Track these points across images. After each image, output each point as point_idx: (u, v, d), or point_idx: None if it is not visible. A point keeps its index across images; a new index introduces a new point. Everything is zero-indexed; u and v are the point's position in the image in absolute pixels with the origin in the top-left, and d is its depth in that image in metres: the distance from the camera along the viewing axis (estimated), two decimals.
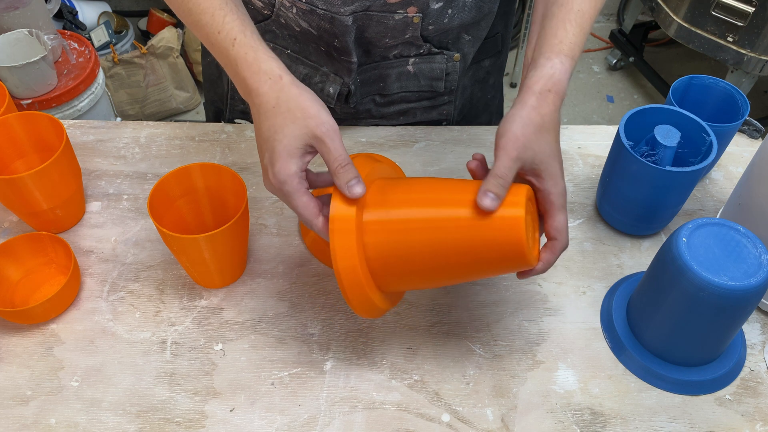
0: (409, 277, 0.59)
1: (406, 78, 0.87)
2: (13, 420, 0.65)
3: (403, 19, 0.78)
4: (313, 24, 0.79)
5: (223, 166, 0.71)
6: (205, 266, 0.70)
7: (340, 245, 0.56)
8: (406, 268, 0.58)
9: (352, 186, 0.56)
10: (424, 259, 0.57)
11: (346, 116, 0.92)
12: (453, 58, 0.86)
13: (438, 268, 0.58)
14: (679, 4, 2.04)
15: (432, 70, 0.87)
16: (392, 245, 0.57)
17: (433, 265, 0.58)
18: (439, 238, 0.57)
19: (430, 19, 0.79)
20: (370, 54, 0.84)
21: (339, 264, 0.56)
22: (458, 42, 0.85)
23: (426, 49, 0.84)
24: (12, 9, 1.56)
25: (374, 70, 0.86)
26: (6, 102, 0.79)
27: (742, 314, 0.63)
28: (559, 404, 0.67)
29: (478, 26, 0.84)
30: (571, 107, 2.45)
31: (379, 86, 0.89)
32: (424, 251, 0.57)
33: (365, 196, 0.58)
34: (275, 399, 0.66)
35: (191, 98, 2.29)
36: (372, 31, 0.79)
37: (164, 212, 0.71)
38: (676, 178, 0.72)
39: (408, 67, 0.86)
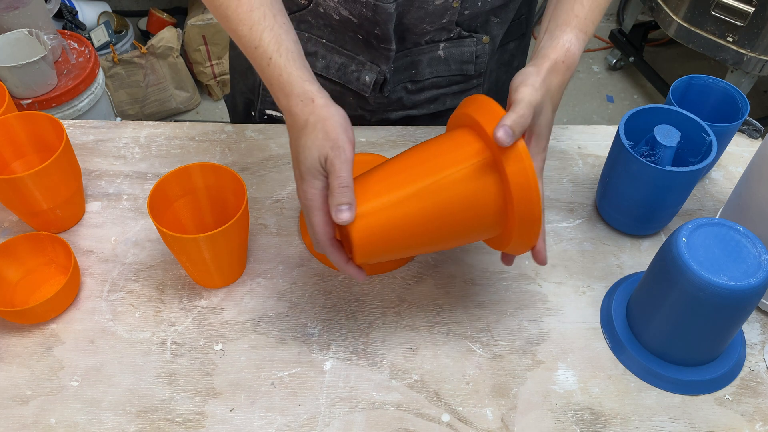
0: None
1: (436, 63, 0.88)
2: (13, 420, 0.65)
3: (443, 4, 0.78)
4: (354, 12, 0.79)
5: (223, 166, 0.71)
6: (205, 266, 0.70)
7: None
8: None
9: (342, 210, 0.57)
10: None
11: (379, 107, 0.92)
12: (482, 40, 0.87)
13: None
14: (679, 4, 2.04)
15: (462, 53, 0.87)
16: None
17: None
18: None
19: (467, 3, 0.80)
20: (404, 41, 0.85)
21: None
22: (487, 25, 0.86)
23: (456, 33, 0.85)
24: (12, 9, 1.56)
25: (406, 57, 0.87)
26: (6, 102, 0.79)
27: (742, 314, 0.63)
28: (559, 404, 0.67)
29: (506, 8, 0.86)
30: (571, 107, 2.45)
31: (411, 73, 0.89)
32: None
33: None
34: (275, 399, 0.66)
35: (191, 98, 2.29)
36: (411, 16, 0.80)
37: (164, 212, 0.71)
38: (675, 178, 0.72)
39: (438, 52, 0.86)
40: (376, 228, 0.58)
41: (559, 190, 0.86)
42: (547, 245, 0.80)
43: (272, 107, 0.96)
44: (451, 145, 0.60)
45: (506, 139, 0.55)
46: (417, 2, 0.78)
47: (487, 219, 0.60)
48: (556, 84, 0.61)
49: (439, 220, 0.59)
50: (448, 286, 0.76)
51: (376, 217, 0.58)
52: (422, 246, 0.61)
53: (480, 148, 0.59)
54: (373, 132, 0.92)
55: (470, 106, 0.61)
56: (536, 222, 0.58)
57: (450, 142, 0.61)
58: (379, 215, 0.58)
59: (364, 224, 0.58)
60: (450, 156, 0.59)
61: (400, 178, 0.59)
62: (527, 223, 0.58)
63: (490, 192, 0.58)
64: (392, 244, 0.59)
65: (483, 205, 0.59)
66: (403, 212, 0.58)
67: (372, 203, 0.58)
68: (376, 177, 0.60)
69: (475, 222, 0.60)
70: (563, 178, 0.87)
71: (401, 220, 0.58)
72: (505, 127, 0.55)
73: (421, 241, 0.60)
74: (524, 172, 0.56)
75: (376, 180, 0.60)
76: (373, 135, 0.91)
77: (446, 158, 0.59)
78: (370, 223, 0.58)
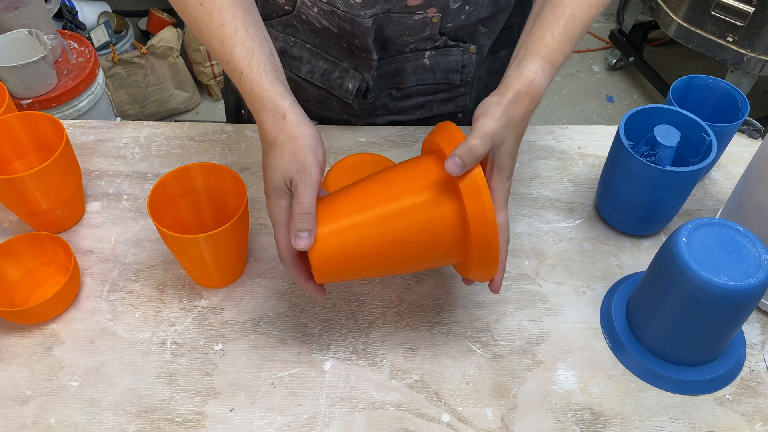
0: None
1: (422, 71, 0.87)
2: (13, 420, 0.65)
3: (423, 19, 0.78)
4: (333, 23, 0.79)
5: (223, 166, 0.71)
6: (204, 266, 0.70)
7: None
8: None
9: (300, 237, 0.57)
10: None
11: (364, 112, 0.92)
12: (469, 50, 0.86)
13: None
14: (679, 4, 2.04)
15: (448, 62, 0.87)
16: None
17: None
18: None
19: (449, 17, 0.79)
20: (387, 49, 0.84)
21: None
22: (474, 35, 0.86)
23: (442, 42, 0.84)
24: (12, 9, 1.56)
25: (391, 64, 0.87)
26: (6, 102, 0.79)
27: (742, 314, 0.63)
28: (559, 404, 0.67)
29: (494, 19, 0.85)
30: (571, 107, 2.45)
31: (396, 80, 0.89)
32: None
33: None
34: (275, 399, 0.66)
35: (191, 98, 2.29)
36: (391, 30, 0.79)
37: (164, 212, 0.71)
38: (675, 178, 0.72)
39: (424, 60, 0.86)
40: (334, 251, 0.58)
41: (559, 190, 0.86)
42: (547, 245, 0.80)
43: None
44: (415, 172, 0.60)
45: (455, 169, 0.55)
46: (395, 17, 0.77)
47: (446, 247, 0.60)
48: (518, 114, 0.60)
49: (397, 245, 0.59)
50: (448, 286, 0.76)
51: (335, 240, 0.58)
52: (381, 269, 0.61)
53: (443, 176, 0.58)
54: (373, 131, 0.92)
55: (438, 133, 0.60)
56: (494, 254, 0.58)
57: (414, 168, 0.61)
58: (338, 238, 0.58)
59: (323, 247, 0.58)
60: (412, 183, 0.59)
61: (363, 203, 0.59)
62: (485, 254, 0.58)
63: (449, 220, 0.58)
64: (350, 266, 0.59)
65: (442, 233, 0.59)
66: (362, 236, 0.58)
67: (332, 225, 0.58)
68: (341, 200, 0.60)
69: (433, 249, 0.60)
70: (563, 178, 0.87)
71: (359, 244, 0.58)
72: (455, 158, 0.55)
73: (379, 265, 0.60)
74: (480, 204, 0.56)
75: (339, 203, 0.60)
76: (373, 135, 0.91)
77: (408, 185, 0.59)
78: (329, 245, 0.58)
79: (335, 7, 0.76)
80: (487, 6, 0.80)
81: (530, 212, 0.83)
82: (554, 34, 0.63)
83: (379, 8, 0.75)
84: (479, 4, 0.79)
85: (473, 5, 0.79)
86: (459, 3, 0.77)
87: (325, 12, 0.78)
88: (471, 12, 0.80)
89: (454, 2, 0.77)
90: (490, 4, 0.80)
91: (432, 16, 0.78)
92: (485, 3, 0.80)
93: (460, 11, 0.79)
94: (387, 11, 0.76)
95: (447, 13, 0.78)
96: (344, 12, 0.76)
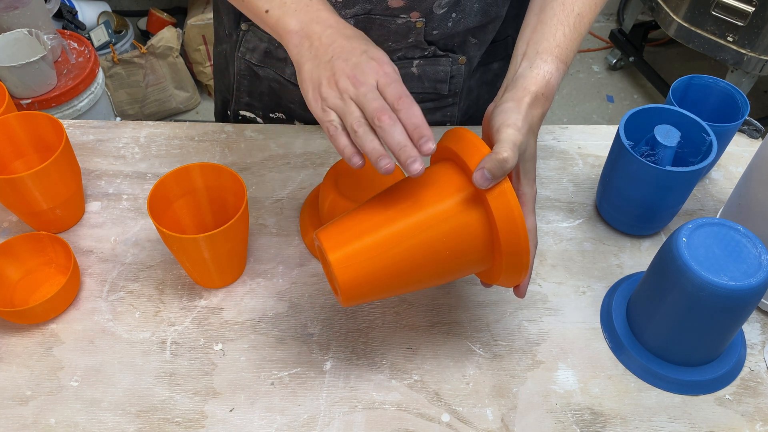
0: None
1: (409, 80, 0.87)
2: (13, 420, 0.65)
3: (406, 24, 0.78)
4: None
5: (223, 166, 0.71)
6: (204, 266, 0.70)
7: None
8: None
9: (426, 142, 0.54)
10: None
11: None
12: (458, 61, 0.86)
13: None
14: (679, 4, 2.04)
15: (436, 72, 0.86)
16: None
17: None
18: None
19: (434, 24, 0.79)
20: None
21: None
22: (464, 45, 0.85)
23: (431, 52, 0.84)
24: (12, 9, 1.56)
25: None
26: (6, 102, 0.79)
27: (742, 314, 0.63)
28: (559, 404, 0.67)
29: (484, 30, 0.84)
30: (571, 107, 2.45)
31: None
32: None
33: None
34: (275, 399, 0.66)
35: (191, 98, 2.29)
36: (374, 34, 0.79)
37: (164, 212, 0.71)
38: (676, 178, 0.72)
39: (412, 69, 0.86)
40: (362, 270, 0.56)
41: (559, 190, 0.86)
42: (547, 245, 0.80)
43: (246, 108, 0.96)
44: (436, 182, 0.58)
45: (484, 182, 0.54)
46: (378, 20, 0.77)
47: (474, 255, 0.58)
48: (537, 117, 0.59)
49: (426, 258, 0.57)
50: (448, 286, 0.76)
51: (362, 259, 0.56)
52: (410, 285, 0.59)
53: (463, 182, 0.57)
54: None
55: (455, 142, 0.59)
56: (524, 260, 0.57)
57: (434, 178, 0.59)
58: (365, 257, 0.56)
59: (349, 266, 0.55)
60: (435, 193, 0.57)
61: (385, 217, 0.57)
62: (515, 260, 0.57)
63: (477, 228, 0.57)
64: (379, 284, 0.57)
65: (470, 241, 0.57)
66: (390, 252, 0.56)
67: (356, 244, 0.56)
68: (361, 216, 0.58)
69: (462, 258, 0.58)
70: (563, 178, 0.87)
71: (388, 261, 0.56)
72: (483, 171, 0.54)
73: (408, 280, 0.58)
74: (509, 209, 0.55)
75: (360, 219, 0.57)
76: None
77: (431, 196, 0.57)
78: (356, 265, 0.56)
79: None
80: (476, 15, 0.80)
81: None
82: (565, 32, 0.62)
83: (359, 8, 0.75)
84: (467, 12, 0.78)
85: (460, 13, 0.78)
86: (444, 9, 0.77)
87: None
88: (458, 20, 0.79)
89: (438, 8, 0.76)
90: (479, 13, 0.80)
91: (416, 21, 0.77)
92: (474, 12, 0.79)
93: (447, 18, 0.78)
94: (368, 12, 0.76)
95: (432, 18, 0.78)
96: None
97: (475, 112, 0.98)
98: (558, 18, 0.63)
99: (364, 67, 0.55)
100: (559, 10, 0.64)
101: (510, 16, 0.86)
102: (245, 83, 0.93)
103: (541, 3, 0.66)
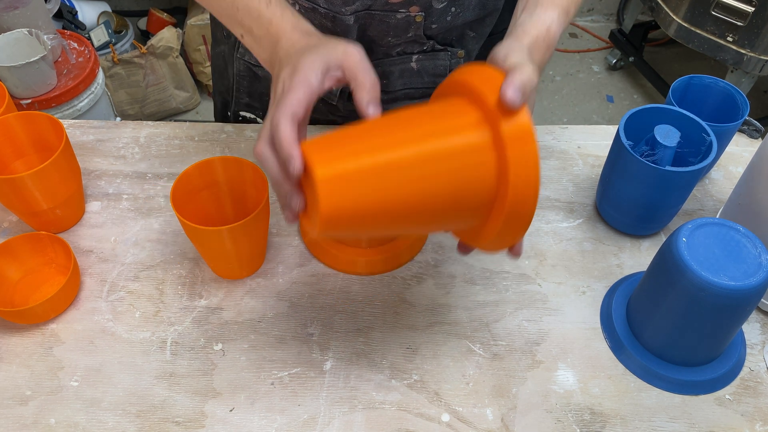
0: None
1: (409, 75, 0.87)
2: (13, 420, 0.65)
3: (406, 18, 0.78)
4: (315, 22, 0.79)
5: (245, 159, 0.71)
6: (226, 258, 0.71)
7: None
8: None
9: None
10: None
11: (349, 113, 0.92)
12: (457, 54, 0.86)
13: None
14: (679, 4, 2.04)
15: (435, 66, 0.86)
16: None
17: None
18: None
19: (433, 18, 0.79)
20: (372, 51, 0.84)
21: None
22: (462, 39, 0.85)
23: (429, 46, 0.84)
24: (12, 9, 1.56)
25: (377, 67, 0.86)
26: (6, 102, 0.79)
27: (742, 314, 0.63)
28: (559, 404, 0.67)
29: (482, 23, 0.84)
30: (571, 107, 2.45)
31: (382, 83, 0.88)
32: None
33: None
34: (275, 399, 0.66)
35: (191, 98, 2.29)
36: (374, 29, 0.79)
37: (186, 205, 0.71)
38: (675, 178, 0.72)
39: (411, 64, 0.86)
40: (350, 195, 0.48)
41: (559, 190, 0.86)
42: (547, 245, 0.80)
43: (246, 109, 0.96)
44: (445, 112, 0.51)
45: (516, 97, 0.47)
46: (377, 15, 0.77)
47: (476, 200, 0.50)
48: (538, 61, 0.56)
49: (425, 194, 0.49)
50: (448, 286, 0.76)
51: (353, 181, 0.48)
52: (397, 223, 0.51)
53: (477, 118, 0.50)
54: None
55: (466, 74, 0.52)
56: (528, 216, 0.50)
57: (443, 109, 0.51)
58: (356, 180, 0.48)
59: (336, 188, 0.47)
60: (443, 123, 0.50)
61: (387, 140, 0.49)
62: (519, 214, 0.50)
63: (486, 170, 0.49)
64: (365, 216, 0.49)
65: (476, 183, 0.50)
66: (386, 180, 0.48)
67: (349, 163, 0.48)
68: (356, 133, 0.50)
69: (462, 203, 0.51)
70: (563, 178, 0.87)
71: (381, 189, 0.48)
72: (514, 84, 0.47)
73: (397, 218, 0.50)
74: (527, 157, 0.47)
75: (356, 137, 0.50)
76: None
77: (440, 125, 0.50)
78: (345, 187, 0.47)
79: (316, 4, 0.76)
80: (474, 8, 0.80)
81: None
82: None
83: (359, 4, 0.75)
84: (465, 5, 0.79)
85: (459, 7, 0.78)
86: (443, 3, 0.77)
87: (306, 9, 0.78)
88: (457, 14, 0.79)
89: (437, 2, 0.76)
90: (477, 6, 0.80)
91: (415, 15, 0.77)
92: (472, 5, 0.79)
93: (446, 12, 0.78)
94: (368, 8, 0.76)
95: (431, 13, 0.78)
96: (325, 9, 0.76)
97: None
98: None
99: (277, 89, 0.55)
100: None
101: (507, 8, 0.86)
102: (245, 84, 0.93)
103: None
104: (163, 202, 0.83)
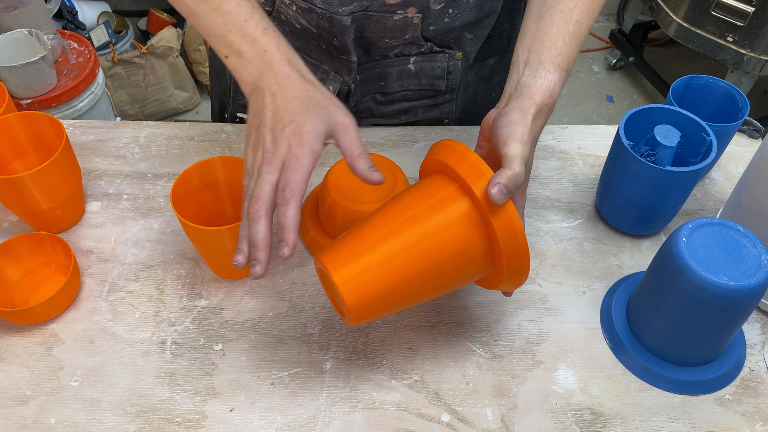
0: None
1: (407, 77, 0.87)
2: (13, 420, 0.65)
3: (403, 20, 0.78)
4: (312, 22, 0.79)
5: None
6: (226, 258, 0.70)
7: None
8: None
9: (374, 171, 0.57)
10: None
11: None
12: (455, 56, 0.86)
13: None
14: (679, 4, 2.04)
15: (433, 68, 0.86)
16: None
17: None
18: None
19: (431, 19, 0.79)
20: (370, 53, 0.84)
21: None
22: (460, 41, 0.85)
23: (427, 48, 0.84)
24: (12, 9, 1.56)
25: (375, 68, 0.86)
26: (6, 102, 0.79)
27: (742, 314, 0.63)
28: (559, 404, 0.67)
29: (480, 25, 0.84)
30: (571, 107, 2.45)
31: (380, 85, 0.88)
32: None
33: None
34: (275, 399, 0.66)
35: (191, 98, 2.29)
36: (371, 31, 0.79)
37: (186, 205, 0.71)
38: (675, 178, 0.72)
39: (409, 66, 0.86)
40: (367, 288, 0.56)
41: (559, 190, 0.86)
42: (547, 245, 0.80)
43: (243, 110, 0.97)
44: (429, 192, 0.59)
45: (500, 198, 0.54)
46: (375, 17, 0.77)
47: (476, 263, 0.59)
48: (539, 127, 0.60)
49: (429, 268, 0.57)
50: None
51: (366, 277, 0.56)
52: (415, 297, 0.59)
53: (457, 193, 0.58)
54: (373, 132, 0.92)
55: (442, 153, 0.59)
56: (525, 266, 0.58)
57: (427, 189, 0.59)
58: (369, 274, 0.56)
59: (354, 286, 0.56)
60: (429, 203, 0.58)
61: (383, 232, 0.57)
62: (516, 267, 0.58)
63: (476, 237, 0.57)
64: (385, 301, 0.57)
65: (470, 249, 0.58)
66: (392, 266, 0.56)
67: (359, 262, 0.56)
68: (357, 236, 0.58)
69: (465, 267, 0.59)
70: (563, 178, 0.87)
71: (391, 275, 0.56)
72: (500, 186, 0.54)
73: (413, 293, 0.58)
74: (508, 220, 0.55)
75: (357, 238, 0.58)
76: (372, 135, 0.91)
77: (426, 206, 0.58)
78: (361, 283, 0.56)
79: (313, 5, 0.76)
80: (472, 10, 0.80)
81: (530, 212, 0.83)
82: (565, 40, 0.63)
83: (356, 5, 0.75)
84: (463, 7, 0.78)
85: (456, 8, 0.78)
86: (441, 5, 0.77)
87: (303, 10, 0.78)
88: (455, 15, 0.79)
89: (435, 3, 0.76)
90: (475, 8, 0.80)
91: (412, 17, 0.77)
92: (469, 7, 0.79)
93: (443, 14, 0.78)
94: (365, 9, 0.76)
95: (428, 14, 0.78)
96: (322, 9, 0.76)
97: (473, 109, 0.98)
98: (557, 26, 0.63)
99: (279, 142, 0.56)
100: (558, 17, 0.64)
101: (505, 11, 0.86)
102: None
103: (539, 9, 0.65)
104: (163, 202, 0.83)
